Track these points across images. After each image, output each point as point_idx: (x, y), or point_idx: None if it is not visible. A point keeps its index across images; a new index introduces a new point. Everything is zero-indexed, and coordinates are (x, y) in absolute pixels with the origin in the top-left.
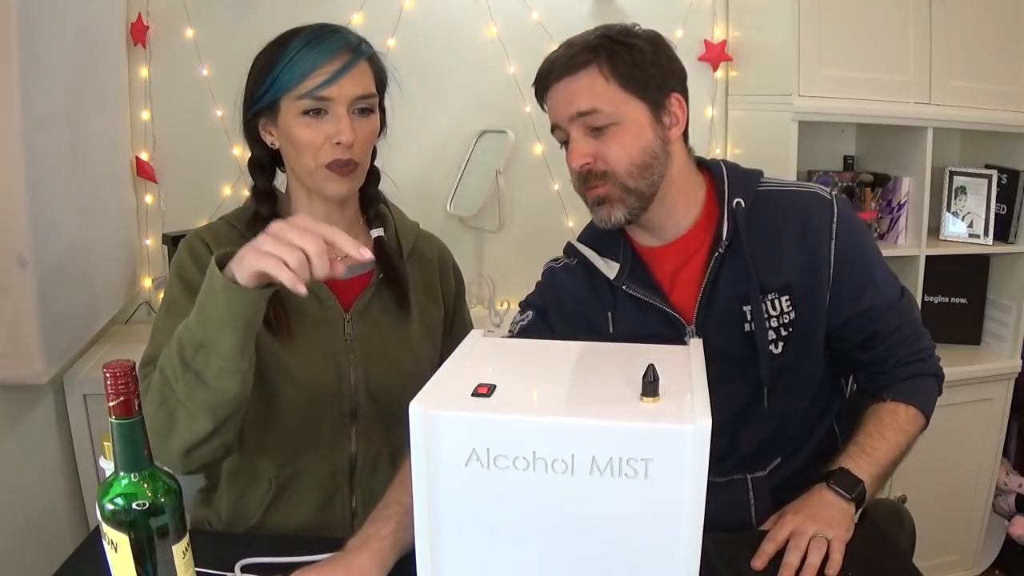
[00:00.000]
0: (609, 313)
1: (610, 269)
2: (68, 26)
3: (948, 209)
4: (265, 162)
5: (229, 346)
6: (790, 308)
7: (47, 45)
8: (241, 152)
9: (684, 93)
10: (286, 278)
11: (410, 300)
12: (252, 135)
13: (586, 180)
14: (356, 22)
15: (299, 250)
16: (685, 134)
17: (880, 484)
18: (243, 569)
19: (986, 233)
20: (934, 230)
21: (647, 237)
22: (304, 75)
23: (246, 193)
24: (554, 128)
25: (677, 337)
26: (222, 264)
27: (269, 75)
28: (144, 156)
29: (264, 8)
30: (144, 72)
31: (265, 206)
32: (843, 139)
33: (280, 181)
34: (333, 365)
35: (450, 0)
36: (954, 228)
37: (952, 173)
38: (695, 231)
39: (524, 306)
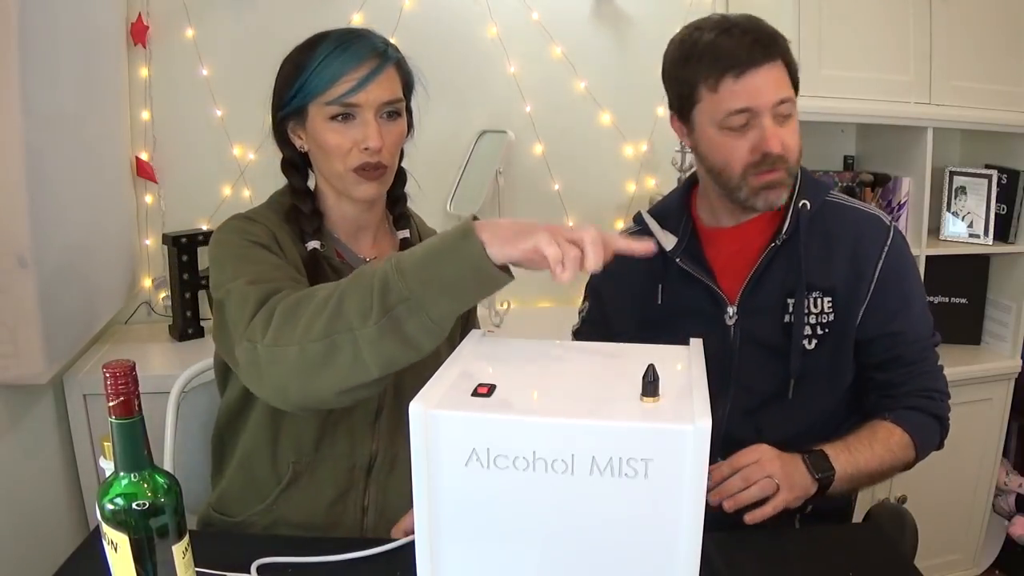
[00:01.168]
0: (660, 285)
1: (668, 240)
2: (68, 26)
3: (948, 209)
4: (297, 162)
5: (445, 311)
6: (831, 310)
7: (47, 45)
8: (241, 152)
9: None
10: (571, 261)
11: None
12: (282, 138)
13: (764, 164)
14: (356, 22)
15: (576, 246)
16: None
17: (849, 486)
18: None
19: (986, 233)
20: (934, 230)
21: (715, 217)
22: (332, 81)
23: (246, 193)
24: (738, 112)
25: (719, 315)
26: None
27: (297, 80)
28: (144, 156)
29: (264, 8)
30: (144, 72)
31: (306, 203)
32: (843, 139)
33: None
34: None
35: (450, 0)
36: (954, 228)
37: (952, 173)
38: (758, 221)
39: (585, 290)
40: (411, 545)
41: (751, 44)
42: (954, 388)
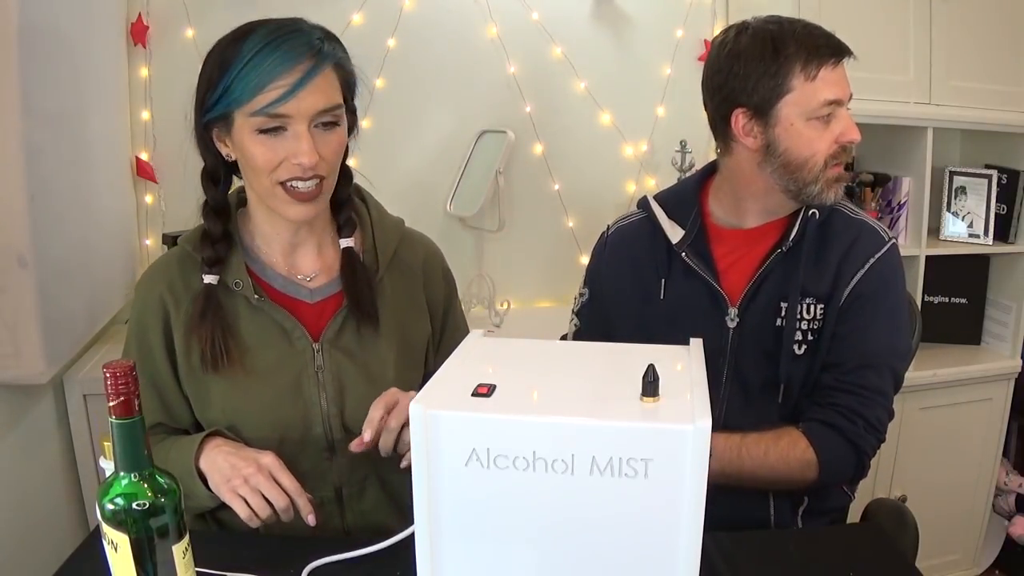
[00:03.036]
0: (663, 280)
1: (675, 233)
2: (68, 26)
3: (948, 209)
4: (220, 173)
5: (204, 491)
6: (822, 316)
7: (47, 45)
8: None
9: None
10: (246, 517)
11: (378, 322)
12: (205, 143)
13: (842, 155)
14: (356, 22)
15: (265, 501)
16: None
17: (723, 482)
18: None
19: (986, 233)
20: (934, 230)
21: (731, 216)
22: (259, 88)
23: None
24: (831, 102)
25: (719, 315)
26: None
27: (220, 81)
28: (144, 156)
29: (264, 8)
30: (144, 72)
31: (216, 224)
32: None
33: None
34: (302, 403)
35: (450, 0)
36: (954, 228)
37: (952, 173)
38: (768, 226)
39: (585, 277)
40: (411, 544)
41: (825, 36)
42: (954, 388)
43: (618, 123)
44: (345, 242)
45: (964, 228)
